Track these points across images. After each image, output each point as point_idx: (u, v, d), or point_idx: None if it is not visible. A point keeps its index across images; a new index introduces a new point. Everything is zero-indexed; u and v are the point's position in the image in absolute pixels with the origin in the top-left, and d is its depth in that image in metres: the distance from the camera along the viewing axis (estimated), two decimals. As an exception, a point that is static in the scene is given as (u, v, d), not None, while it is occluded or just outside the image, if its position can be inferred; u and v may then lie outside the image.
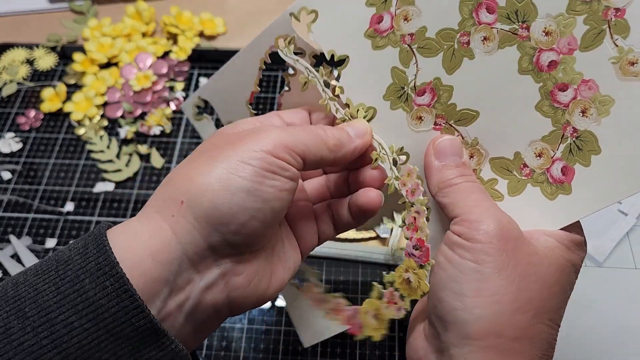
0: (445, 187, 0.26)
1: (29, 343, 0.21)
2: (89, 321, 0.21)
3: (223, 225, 0.23)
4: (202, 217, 0.23)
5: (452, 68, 0.27)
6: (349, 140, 0.28)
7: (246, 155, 0.24)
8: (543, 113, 0.26)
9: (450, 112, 0.28)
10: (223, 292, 0.25)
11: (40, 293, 0.22)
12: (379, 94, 0.29)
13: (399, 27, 0.28)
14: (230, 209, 0.23)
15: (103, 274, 0.21)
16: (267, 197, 0.24)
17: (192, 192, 0.23)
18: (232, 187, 0.23)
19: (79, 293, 0.21)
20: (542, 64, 0.26)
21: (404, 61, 0.28)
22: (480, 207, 0.25)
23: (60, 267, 0.22)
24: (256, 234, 0.24)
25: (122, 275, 0.21)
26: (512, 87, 0.26)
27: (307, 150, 0.25)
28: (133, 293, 0.21)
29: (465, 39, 0.27)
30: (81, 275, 0.22)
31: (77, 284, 0.21)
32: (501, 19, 0.26)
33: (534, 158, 0.27)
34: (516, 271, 0.23)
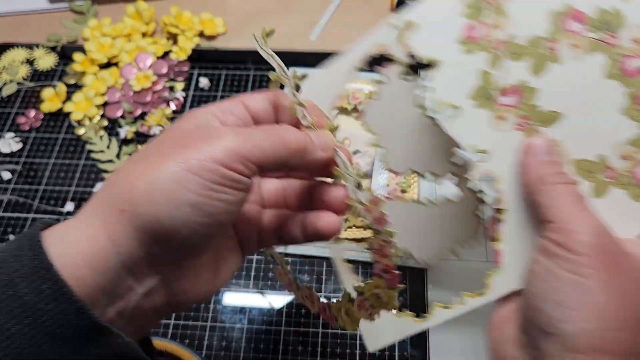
0: (543, 184, 0.26)
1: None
2: (27, 325, 0.20)
3: (165, 239, 0.22)
4: (142, 229, 0.21)
5: (538, 71, 0.28)
6: (313, 148, 0.25)
7: (195, 165, 0.21)
8: (630, 117, 0.27)
9: (534, 113, 0.28)
10: (164, 297, 0.24)
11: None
12: (466, 95, 0.30)
13: (490, 35, 0.29)
14: (173, 223, 0.21)
15: (39, 278, 0.20)
16: (214, 212, 0.22)
17: (133, 201, 0.21)
18: (176, 200, 0.21)
19: (15, 297, 0.20)
20: (630, 69, 0.27)
21: (493, 65, 0.29)
22: (581, 216, 0.24)
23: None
24: (200, 246, 0.23)
25: (59, 278, 0.20)
26: (598, 91, 0.27)
27: (265, 157, 0.23)
28: (72, 295, 0.20)
29: (554, 45, 0.28)
30: (16, 278, 0.20)
31: (12, 288, 0.20)
32: (590, 28, 0.28)
33: (619, 160, 0.27)
34: (621, 286, 0.23)
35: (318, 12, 0.63)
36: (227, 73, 0.57)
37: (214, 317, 0.43)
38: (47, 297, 0.20)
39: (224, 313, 0.43)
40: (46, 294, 0.20)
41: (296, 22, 0.62)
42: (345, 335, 0.41)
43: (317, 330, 0.42)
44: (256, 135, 0.23)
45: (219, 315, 0.43)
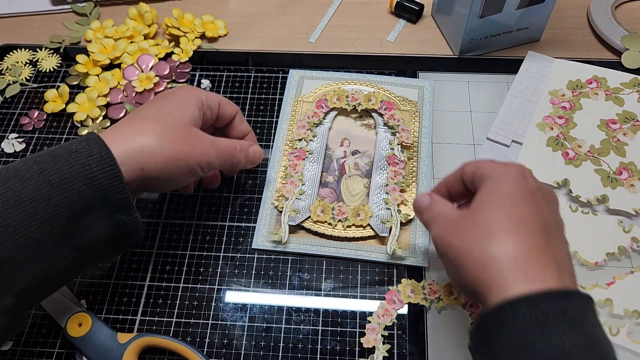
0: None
1: (53, 200, 0.32)
2: (93, 191, 0.33)
3: (153, 189, 0.43)
4: (145, 182, 0.37)
5: (621, 153, 0.49)
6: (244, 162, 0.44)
7: (190, 165, 0.39)
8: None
9: (634, 169, 0.48)
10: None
11: (59, 170, 0.33)
12: (598, 185, 0.47)
13: (580, 152, 0.49)
14: (163, 188, 0.41)
15: (105, 164, 0.34)
16: (182, 183, 0.41)
17: (150, 170, 0.36)
18: (171, 181, 0.39)
19: (88, 172, 0.33)
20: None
21: (597, 164, 0.48)
22: None
23: (72, 154, 0.33)
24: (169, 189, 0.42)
25: (117, 166, 0.34)
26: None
27: (219, 167, 0.44)
28: (121, 178, 0.34)
29: (615, 139, 0.49)
30: (89, 160, 0.33)
31: (87, 166, 0.33)
32: (621, 121, 0.51)
33: None
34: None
35: (318, 14, 0.63)
36: (228, 74, 0.58)
37: (215, 315, 0.43)
38: (108, 175, 0.33)
39: (225, 311, 0.43)
40: (108, 174, 0.34)
41: (296, 24, 0.62)
42: (345, 333, 0.42)
43: (317, 328, 0.42)
44: (222, 157, 0.41)
45: (220, 313, 0.43)
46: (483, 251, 0.31)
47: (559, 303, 0.28)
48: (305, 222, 0.46)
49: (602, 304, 0.41)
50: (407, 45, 0.60)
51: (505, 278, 0.29)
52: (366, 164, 0.50)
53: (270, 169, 0.50)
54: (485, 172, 0.34)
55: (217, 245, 0.47)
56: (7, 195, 0.31)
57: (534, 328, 0.27)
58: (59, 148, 0.34)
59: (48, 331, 0.43)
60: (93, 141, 0.34)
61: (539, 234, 0.31)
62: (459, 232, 0.33)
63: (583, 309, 0.29)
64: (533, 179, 0.34)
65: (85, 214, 0.33)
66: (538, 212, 0.32)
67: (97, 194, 0.33)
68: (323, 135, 0.51)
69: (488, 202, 0.33)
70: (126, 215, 0.35)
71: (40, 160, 0.33)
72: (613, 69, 0.54)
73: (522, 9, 0.53)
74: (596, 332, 0.28)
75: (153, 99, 0.42)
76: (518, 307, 0.28)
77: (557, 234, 0.32)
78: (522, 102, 0.53)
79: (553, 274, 0.29)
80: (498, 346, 0.29)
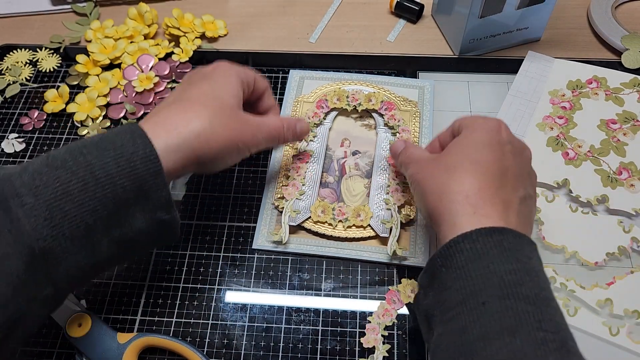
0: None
1: (98, 194, 0.33)
2: (135, 187, 0.34)
3: (205, 171, 0.45)
4: (198, 167, 0.38)
5: (621, 153, 0.48)
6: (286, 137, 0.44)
7: (241, 149, 0.40)
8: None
9: (634, 169, 0.48)
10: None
11: (106, 165, 0.33)
12: (598, 185, 0.47)
13: (580, 152, 0.49)
14: (214, 170, 0.40)
15: (149, 161, 0.34)
16: (231, 165, 0.41)
17: (203, 157, 0.37)
18: (224, 164, 0.40)
19: (132, 168, 0.34)
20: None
21: (597, 164, 0.48)
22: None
23: (117, 149, 0.34)
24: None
25: (160, 164, 0.34)
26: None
27: (263, 146, 0.43)
28: (164, 177, 0.35)
29: (615, 139, 0.49)
30: (134, 157, 0.34)
31: (132, 163, 0.34)
32: (622, 121, 0.50)
33: None
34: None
35: (318, 14, 0.63)
36: (228, 74, 0.58)
37: (215, 315, 0.43)
38: (152, 173, 0.34)
39: (225, 311, 0.43)
40: (151, 171, 0.34)
41: (296, 24, 0.62)
42: (345, 333, 0.42)
43: (317, 328, 0.42)
44: (270, 137, 0.42)
45: (220, 313, 0.43)
46: (442, 185, 0.35)
47: (496, 237, 0.32)
48: (306, 223, 0.46)
49: (602, 304, 0.41)
50: (407, 45, 0.60)
51: (456, 209, 0.34)
52: (366, 164, 0.50)
53: (271, 169, 0.50)
54: (465, 123, 0.39)
55: (217, 245, 0.47)
56: (54, 186, 0.32)
57: (473, 259, 0.31)
58: (103, 139, 0.34)
59: (48, 331, 0.43)
60: (138, 136, 0.34)
61: (494, 178, 0.35)
62: (428, 171, 0.38)
63: (518, 243, 0.32)
64: (508, 133, 0.37)
65: (127, 209, 0.34)
66: (500, 159, 0.35)
67: (140, 191, 0.34)
68: (323, 136, 0.51)
69: (456, 145, 0.37)
70: (165, 213, 0.36)
71: (86, 153, 0.33)
72: (613, 69, 0.54)
73: (522, 9, 0.53)
74: (531, 262, 0.32)
75: (195, 78, 0.41)
76: (461, 242, 0.32)
77: (516, 181, 0.36)
78: (522, 102, 0.53)
79: (499, 212, 0.33)
80: (444, 280, 0.32)
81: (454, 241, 0.32)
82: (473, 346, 0.29)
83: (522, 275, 0.30)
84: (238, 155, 0.40)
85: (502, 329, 0.28)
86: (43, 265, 0.32)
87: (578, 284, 0.42)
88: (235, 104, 0.40)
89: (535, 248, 0.34)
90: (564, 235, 0.45)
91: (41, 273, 0.32)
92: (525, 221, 0.35)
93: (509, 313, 0.29)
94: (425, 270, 0.35)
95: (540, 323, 0.28)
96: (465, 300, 0.30)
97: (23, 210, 0.31)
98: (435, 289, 0.33)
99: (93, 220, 0.33)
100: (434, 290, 0.33)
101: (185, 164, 0.37)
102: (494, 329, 0.28)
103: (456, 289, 0.31)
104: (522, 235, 0.33)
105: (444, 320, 0.32)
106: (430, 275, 0.34)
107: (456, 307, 0.31)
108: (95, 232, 0.33)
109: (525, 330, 0.28)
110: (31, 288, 0.32)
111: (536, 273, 0.31)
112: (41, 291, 0.32)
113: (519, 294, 0.29)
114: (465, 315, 0.30)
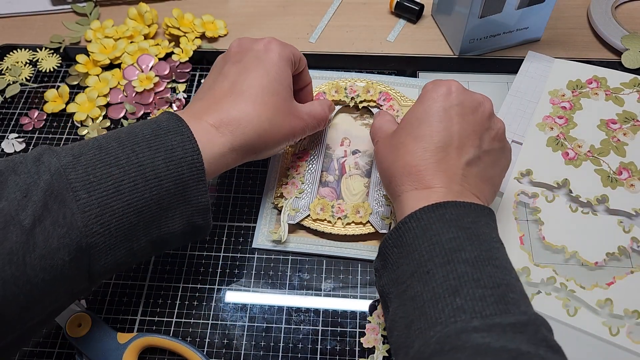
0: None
1: (146, 195, 0.34)
2: (180, 192, 0.35)
3: (254, 158, 0.41)
4: (248, 157, 0.40)
5: (621, 153, 0.48)
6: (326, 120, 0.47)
7: (288, 141, 0.42)
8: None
9: (634, 169, 0.48)
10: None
11: (156, 167, 0.34)
12: (598, 185, 0.47)
13: (580, 152, 0.49)
14: (265, 156, 0.42)
15: (195, 168, 0.35)
16: (279, 150, 0.46)
17: (256, 150, 0.40)
18: (273, 151, 0.42)
19: (179, 173, 0.35)
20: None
21: (597, 164, 0.48)
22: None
23: (169, 152, 0.35)
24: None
25: (204, 171, 0.35)
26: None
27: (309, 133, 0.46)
28: (205, 184, 0.36)
29: (615, 139, 0.49)
30: (182, 162, 0.35)
31: (179, 167, 0.35)
32: (622, 121, 0.50)
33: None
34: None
35: (318, 14, 0.63)
36: (228, 74, 0.58)
37: (215, 315, 0.43)
38: (195, 180, 0.35)
39: (225, 311, 0.43)
40: (195, 178, 0.35)
41: (296, 24, 0.62)
42: (345, 333, 0.42)
43: (317, 328, 0.42)
44: (315, 124, 0.45)
45: (220, 313, 0.43)
46: (391, 164, 0.38)
47: (438, 211, 0.33)
48: (305, 221, 0.46)
49: (602, 304, 0.41)
50: (407, 45, 0.60)
51: (400, 188, 0.36)
52: (366, 163, 0.50)
53: (271, 168, 0.50)
54: (422, 90, 0.39)
55: (217, 245, 0.47)
56: (107, 184, 0.33)
57: (420, 235, 0.33)
58: (155, 139, 0.35)
59: (48, 331, 0.43)
60: (188, 141, 0.35)
61: (437, 150, 0.36)
62: (385, 149, 0.39)
63: (462, 213, 0.33)
64: (458, 94, 0.38)
65: (167, 211, 0.35)
66: (444, 128, 0.36)
67: (183, 195, 0.35)
68: (323, 135, 0.51)
69: (404, 121, 0.39)
70: (201, 219, 0.37)
71: (138, 151, 0.34)
72: (613, 69, 0.54)
73: (522, 9, 0.53)
74: (473, 227, 0.33)
75: (246, 61, 0.41)
76: (408, 222, 0.34)
77: (463, 145, 0.36)
78: (522, 102, 0.53)
79: (440, 181, 0.35)
80: (395, 260, 0.34)
81: (402, 222, 0.34)
82: (423, 308, 0.30)
83: (462, 242, 0.32)
84: (287, 144, 0.43)
85: (445, 291, 0.30)
86: (86, 260, 0.32)
87: (578, 284, 0.42)
88: (289, 96, 0.42)
89: (483, 211, 0.34)
90: (564, 235, 0.45)
91: (83, 268, 0.33)
92: (477, 181, 0.37)
93: (450, 276, 0.30)
94: (378, 254, 0.36)
95: (478, 281, 0.30)
96: (414, 272, 0.32)
97: (77, 205, 0.32)
98: (388, 269, 0.35)
99: (137, 220, 0.34)
100: (387, 271, 0.35)
101: (244, 158, 0.39)
102: (438, 292, 0.30)
103: (407, 264, 0.33)
104: (466, 204, 0.34)
105: (398, 294, 0.33)
106: (382, 258, 0.35)
107: (407, 281, 0.32)
108: (137, 231, 0.34)
109: (465, 290, 0.30)
110: (71, 282, 0.33)
111: (477, 237, 0.32)
112: (78, 285, 0.34)
113: (459, 258, 0.31)
114: (415, 285, 0.32)
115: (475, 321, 0.28)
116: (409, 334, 0.31)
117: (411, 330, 0.31)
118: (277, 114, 0.39)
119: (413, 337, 0.30)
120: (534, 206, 0.46)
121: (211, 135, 0.37)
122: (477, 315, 0.29)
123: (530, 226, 0.46)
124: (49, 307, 0.33)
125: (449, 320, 0.29)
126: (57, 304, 0.34)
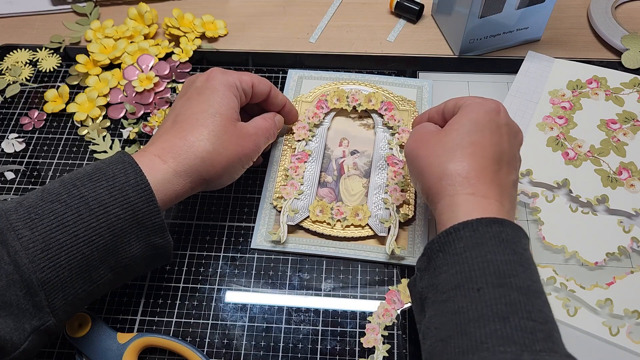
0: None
1: (93, 224, 0.33)
2: (129, 216, 0.35)
3: (209, 190, 0.42)
4: (202, 188, 0.40)
5: (621, 153, 0.48)
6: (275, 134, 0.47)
7: (243, 162, 0.42)
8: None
9: (634, 169, 0.48)
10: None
11: (99, 196, 0.34)
12: (598, 185, 0.47)
13: (580, 152, 0.49)
14: (219, 185, 0.42)
15: (141, 190, 0.35)
16: (236, 178, 0.43)
17: (206, 178, 0.39)
18: (229, 179, 0.42)
19: (125, 198, 0.35)
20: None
21: (597, 164, 0.48)
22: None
23: (110, 180, 0.35)
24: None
25: (152, 191, 0.35)
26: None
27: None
28: (156, 203, 0.35)
29: (615, 139, 0.49)
30: (126, 186, 0.35)
31: (124, 192, 0.35)
32: (622, 121, 0.50)
33: None
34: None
35: (318, 14, 0.63)
36: (228, 74, 0.58)
37: (215, 315, 0.43)
38: (144, 201, 0.35)
39: (225, 311, 0.43)
40: (143, 199, 0.35)
41: (296, 24, 0.62)
42: (345, 333, 0.42)
43: (317, 328, 0.42)
44: (264, 139, 0.44)
45: (220, 313, 0.43)
46: (443, 165, 0.36)
47: (495, 228, 0.32)
48: (304, 222, 0.46)
49: (602, 304, 0.41)
50: (407, 45, 0.60)
51: (455, 190, 0.35)
52: (365, 163, 0.50)
53: (270, 169, 0.50)
54: (464, 103, 0.39)
55: (217, 245, 0.47)
56: (49, 219, 0.33)
57: (472, 247, 0.32)
58: (96, 171, 0.35)
59: (48, 331, 0.43)
60: (129, 166, 0.36)
61: (492, 161, 0.36)
62: (428, 146, 0.38)
63: (516, 236, 0.33)
64: (505, 115, 0.38)
65: (123, 237, 0.35)
66: (498, 142, 0.36)
67: (134, 219, 0.35)
68: (322, 136, 0.51)
69: (457, 124, 0.37)
70: (160, 238, 0.37)
71: (80, 185, 0.34)
72: (613, 69, 0.54)
73: (522, 9, 0.53)
74: (525, 254, 0.33)
75: (191, 92, 0.42)
76: (461, 230, 0.33)
77: (509, 165, 0.37)
78: (522, 102, 0.53)
79: (495, 194, 0.35)
80: (440, 265, 0.33)
81: (454, 228, 0.33)
82: (466, 327, 0.30)
83: (516, 267, 0.31)
84: (242, 167, 0.42)
85: (495, 315, 0.29)
86: (42, 295, 0.32)
87: (578, 284, 0.42)
88: (232, 117, 0.41)
89: (529, 241, 0.35)
90: (564, 235, 0.45)
91: (41, 303, 0.32)
92: (515, 205, 0.37)
93: (502, 300, 0.30)
94: (424, 253, 0.35)
95: (530, 313, 0.29)
96: (461, 285, 0.31)
97: (20, 243, 0.32)
98: (431, 272, 0.34)
99: (89, 250, 0.34)
100: (430, 274, 0.34)
101: (194, 185, 0.39)
102: (487, 313, 0.29)
103: (452, 274, 0.32)
104: (519, 228, 0.34)
105: (435, 302, 0.33)
106: (427, 259, 0.35)
107: (451, 291, 0.32)
108: (92, 261, 0.34)
109: (516, 318, 0.29)
110: (32, 318, 0.32)
111: (529, 265, 0.32)
112: (44, 322, 0.33)
113: (512, 284, 0.30)
114: (460, 299, 0.31)
115: (526, 355, 0.28)
116: (446, 350, 0.30)
117: (449, 346, 0.30)
118: (220, 135, 0.39)
119: (451, 355, 0.29)
120: (534, 206, 0.46)
121: (154, 164, 0.37)
122: (527, 349, 0.28)
123: (530, 226, 0.46)
124: (17, 346, 0.32)
125: (497, 348, 0.28)
126: (27, 343, 0.32)
